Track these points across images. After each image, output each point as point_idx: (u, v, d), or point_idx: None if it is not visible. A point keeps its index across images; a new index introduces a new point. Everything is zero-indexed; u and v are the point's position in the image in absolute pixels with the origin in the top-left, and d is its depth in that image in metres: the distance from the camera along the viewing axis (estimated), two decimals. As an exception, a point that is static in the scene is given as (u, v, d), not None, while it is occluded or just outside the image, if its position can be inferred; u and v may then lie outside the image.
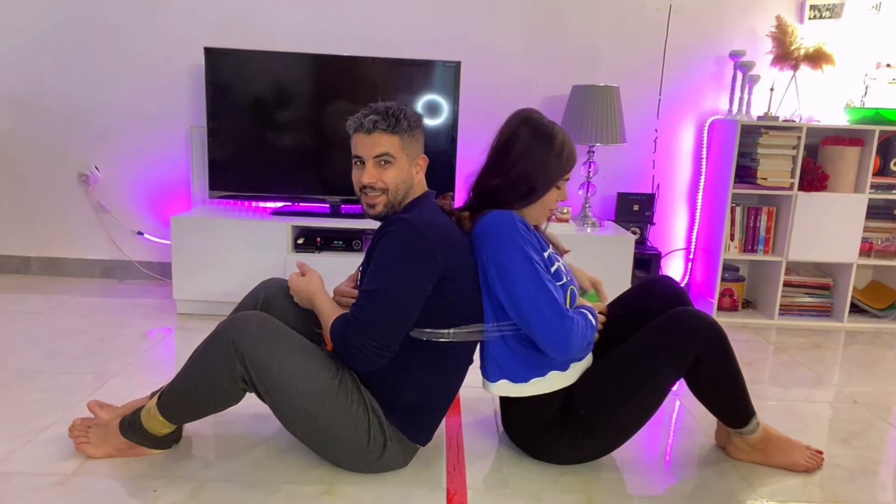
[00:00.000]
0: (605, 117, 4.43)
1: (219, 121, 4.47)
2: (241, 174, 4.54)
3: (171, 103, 4.85)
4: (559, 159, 2.53)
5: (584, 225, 4.61)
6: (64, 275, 5.09)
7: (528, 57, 4.84)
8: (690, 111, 4.94)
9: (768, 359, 4.10)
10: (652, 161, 4.99)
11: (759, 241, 4.71)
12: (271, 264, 4.26)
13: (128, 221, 5.02)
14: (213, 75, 4.42)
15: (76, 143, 4.91)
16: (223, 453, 2.67)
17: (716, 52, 4.85)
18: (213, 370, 2.36)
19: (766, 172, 4.53)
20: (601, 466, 2.69)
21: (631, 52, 4.85)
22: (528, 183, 2.52)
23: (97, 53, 4.79)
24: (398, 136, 2.45)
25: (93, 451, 2.58)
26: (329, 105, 4.50)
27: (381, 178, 2.46)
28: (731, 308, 4.85)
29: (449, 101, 4.50)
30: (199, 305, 4.37)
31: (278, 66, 4.46)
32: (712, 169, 4.84)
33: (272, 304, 2.70)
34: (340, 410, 2.37)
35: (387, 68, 4.50)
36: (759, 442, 2.72)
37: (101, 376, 3.34)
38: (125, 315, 4.31)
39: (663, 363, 2.49)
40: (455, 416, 3.09)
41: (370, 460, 2.48)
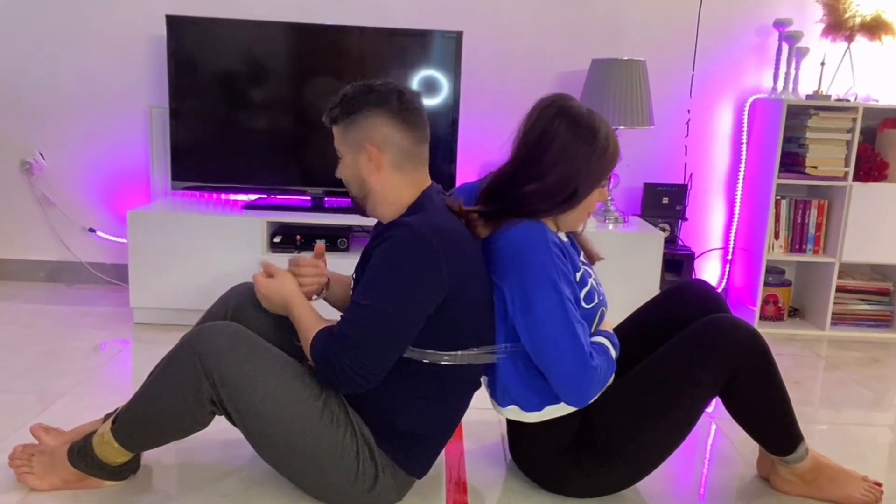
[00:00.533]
0: (630, 96, 4.37)
1: (183, 100, 4.43)
2: (208, 162, 4.51)
3: (127, 80, 4.80)
4: (604, 158, 2.44)
5: (605, 221, 4.53)
6: (3, 278, 5.06)
7: (540, 26, 4.77)
8: (728, 89, 4.88)
9: (818, 376, 4.04)
10: (684, 147, 4.92)
11: (808, 240, 4.65)
12: (244, 266, 4.20)
13: (77, 216, 4.95)
14: (177, 48, 4.37)
15: (17, 126, 4.86)
16: (187, 486, 2.60)
17: (758, 21, 4.78)
18: (176, 390, 2.30)
19: (815, 160, 4.46)
20: (625, 501, 2.62)
21: (660, 21, 4.79)
22: (568, 188, 2.43)
23: (42, 23, 4.71)
24: (337, 125, 2.41)
25: (37, 483, 2.51)
26: (310, 82, 4.47)
27: (339, 173, 2.50)
28: (776, 317, 4.77)
29: (449, 77, 4.44)
30: (160, 314, 4.33)
31: (252, 36, 4.42)
32: (753, 156, 4.77)
33: (244, 313, 2.65)
34: (325, 436, 2.30)
35: (377, 40, 4.44)
36: (808, 472, 2.65)
37: (46, 396, 3.29)
38: (74, 325, 4.26)
39: (695, 378, 2.44)
40: (456, 443, 3.03)
41: (359, 494, 2.40)
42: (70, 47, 4.74)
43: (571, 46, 4.77)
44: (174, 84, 4.38)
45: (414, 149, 2.42)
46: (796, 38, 4.59)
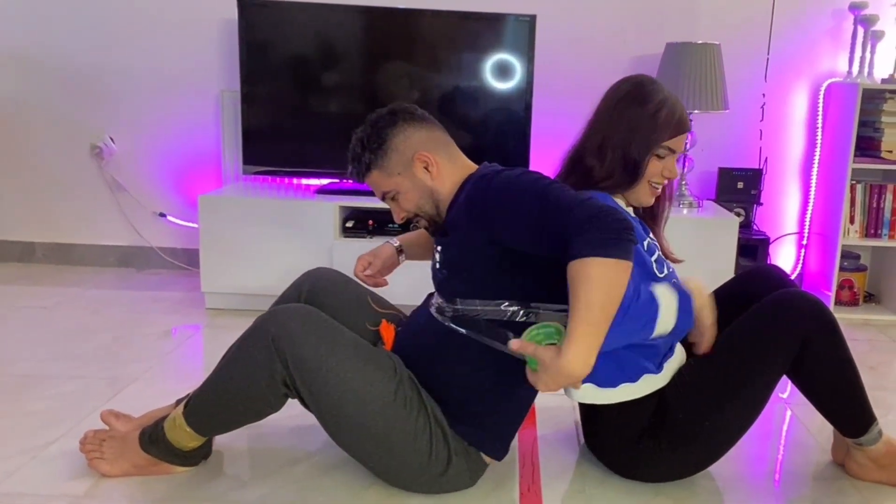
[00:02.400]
0: (705, 80, 4.33)
1: (254, 84, 4.44)
2: (280, 146, 4.52)
3: (198, 64, 4.81)
4: (654, 119, 2.41)
5: (679, 205, 4.48)
6: (74, 263, 5.08)
7: (614, 10, 4.73)
8: (803, 73, 4.81)
9: (894, 361, 3.97)
10: (759, 131, 4.85)
11: (884, 225, 4.57)
12: (316, 251, 4.20)
13: (148, 201, 4.97)
14: (248, 32, 4.37)
15: (88, 110, 4.88)
16: (260, 471, 2.61)
17: (833, 5, 4.69)
18: (249, 373, 2.29)
19: (891, 144, 4.39)
20: (699, 487, 2.60)
21: (734, 4, 4.72)
22: (628, 158, 2.42)
23: (112, 5, 4.72)
24: (373, 170, 2.44)
25: (108, 469, 2.51)
26: (382, 66, 4.46)
27: (404, 210, 2.50)
28: (851, 302, 4.71)
29: (522, 61, 4.41)
30: (232, 299, 4.32)
31: (324, 20, 4.41)
32: (829, 140, 4.71)
33: (319, 296, 2.67)
34: (398, 419, 2.29)
35: (450, 23, 4.42)
36: (883, 456, 2.60)
37: (117, 382, 3.29)
38: (145, 310, 4.26)
39: (767, 350, 2.41)
40: (529, 429, 3.02)
41: (432, 478, 2.40)
42: (141, 31, 4.73)
43: (646, 30, 4.71)
44: (245, 68, 4.38)
45: (444, 137, 2.50)
46: (872, 21, 4.50)
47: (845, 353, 2.44)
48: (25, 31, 4.75)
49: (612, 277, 1.98)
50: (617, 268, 1.97)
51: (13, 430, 2.79)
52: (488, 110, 4.49)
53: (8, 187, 4.98)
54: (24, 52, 4.77)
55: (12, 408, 2.97)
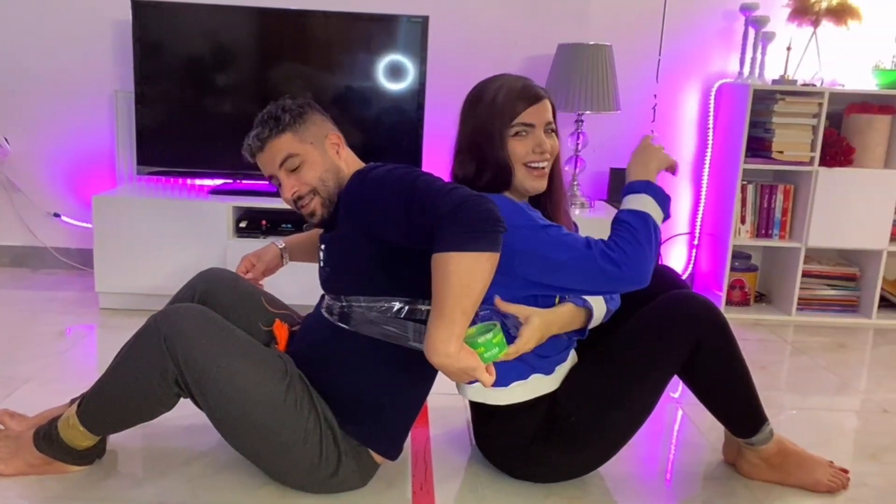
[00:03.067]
0: (596, 81, 4.39)
1: (148, 85, 4.42)
2: (174, 146, 4.52)
3: (92, 65, 4.77)
4: (493, 105, 2.40)
5: (571, 205, 4.50)
6: None
7: (506, 11, 4.76)
8: (695, 74, 4.90)
9: (785, 361, 4.05)
10: (651, 131, 4.86)
11: (775, 225, 4.66)
12: (210, 251, 4.21)
13: (42, 201, 4.93)
14: (142, 32, 4.36)
15: None
16: (154, 470, 2.60)
17: (724, 6, 4.79)
18: (142, 371, 2.28)
19: (782, 145, 4.47)
20: (591, 486, 2.62)
21: (626, 5, 4.80)
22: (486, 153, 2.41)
23: (5, 7, 4.67)
24: (287, 132, 2.45)
25: (2, 468, 2.50)
26: (276, 67, 4.48)
27: (301, 183, 2.46)
28: (742, 302, 4.78)
29: (415, 61, 4.45)
30: (126, 299, 4.30)
31: (217, 21, 4.41)
32: (720, 141, 4.79)
33: (212, 297, 2.68)
34: (288, 420, 2.30)
35: (342, 24, 4.43)
36: (774, 456, 2.65)
37: (12, 381, 3.27)
38: (39, 310, 4.24)
39: (657, 353, 2.44)
40: (422, 428, 3.03)
41: (322, 478, 2.41)
42: (35, 31, 4.69)
43: (537, 31, 4.76)
44: (139, 68, 4.37)
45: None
46: (762, 22, 4.59)
47: (736, 355, 2.47)
48: None
49: (469, 272, 1.99)
50: (475, 261, 1.99)
51: None
52: (381, 110, 4.51)
53: None
54: None
55: None
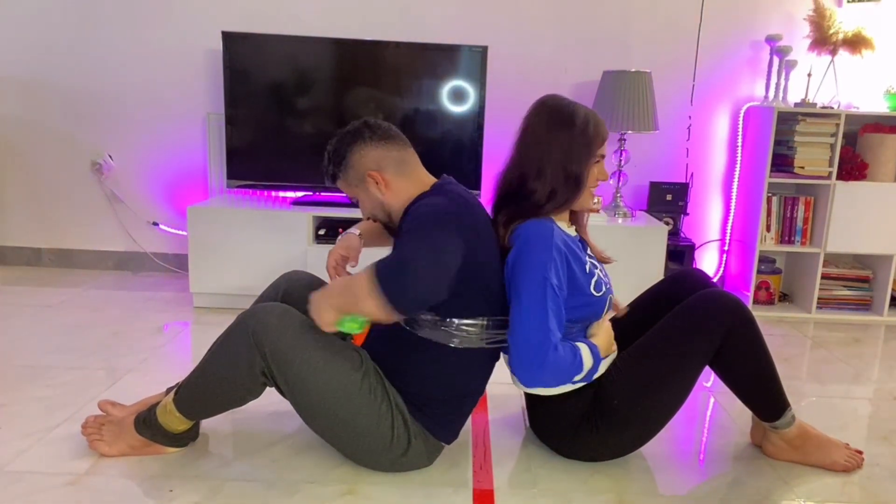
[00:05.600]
0: (637, 104, 4.47)
1: (237, 107, 4.50)
2: (260, 163, 4.57)
3: (187, 89, 4.89)
4: (585, 136, 2.48)
5: (615, 215, 4.65)
6: (76, 267, 5.15)
7: (557, 42, 4.87)
8: (725, 98, 4.97)
9: (805, 354, 4.11)
10: (685, 149, 5.03)
11: (797, 232, 4.74)
12: (292, 256, 4.29)
13: (143, 211, 5.07)
14: (232, 60, 4.44)
15: (89, 130, 4.96)
16: (242, 451, 2.67)
17: (751, 37, 4.88)
18: (232, 363, 2.36)
19: (803, 161, 4.55)
20: (632, 465, 2.70)
21: (664, 36, 4.88)
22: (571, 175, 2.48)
23: (111, 36, 4.83)
24: (339, 180, 2.60)
25: (106, 449, 2.58)
26: (351, 91, 4.53)
27: (364, 213, 2.67)
28: (768, 301, 4.88)
29: (475, 87, 4.53)
30: (217, 299, 4.40)
31: (298, 50, 4.48)
32: (748, 157, 4.87)
33: (294, 296, 2.71)
34: (364, 406, 2.37)
35: (411, 53, 4.51)
36: (795, 438, 2.72)
37: (115, 372, 3.35)
38: (140, 309, 4.33)
39: (691, 344, 2.51)
40: (481, 414, 3.10)
41: (393, 459, 2.49)
42: (137, 60, 4.85)
43: (585, 59, 4.88)
44: (229, 93, 4.47)
45: (402, 154, 2.56)
46: (786, 51, 4.71)
47: (762, 346, 2.56)
48: (32, 59, 4.84)
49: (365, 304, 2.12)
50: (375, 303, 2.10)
51: (22, 414, 2.87)
52: (445, 130, 4.56)
53: (17, 199, 5.05)
54: (31, 77, 4.87)
55: (21, 395, 3.04)
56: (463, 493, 2.48)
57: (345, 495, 2.41)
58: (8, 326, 3.92)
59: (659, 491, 2.55)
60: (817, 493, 2.57)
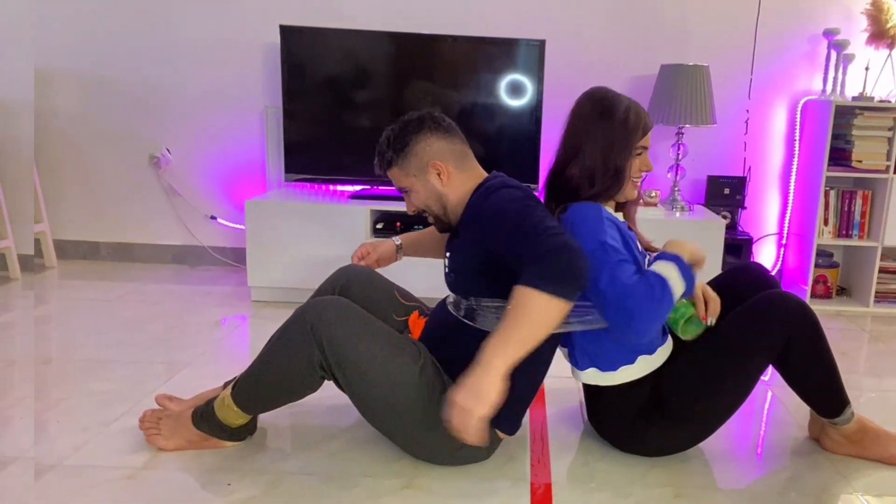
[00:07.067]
0: (695, 97, 4.45)
1: (295, 101, 4.49)
2: (317, 156, 4.57)
3: (245, 83, 4.90)
4: (625, 127, 2.47)
5: (672, 209, 4.64)
6: (134, 260, 5.17)
7: (614, 35, 4.85)
8: (783, 92, 4.93)
9: (863, 348, 4.07)
10: (743, 143, 4.99)
11: (854, 226, 4.69)
12: (350, 250, 4.13)
13: (200, 205, 5.08)
14: (289, 54, 4.44)
15: (147, 123, 4.97)
16: (300, 445, 2.67)
17: (809, 31, 4.84)
18: (290, 357, 2.36)
19: (861, 155, 4.52)
20: (690, 460, 2.68)
21: (721, 30, 4.85)
22: (610, 164, 2.47)
23: (168, 31, 4.84)
24: (393, 167, 2.53)
25: (164, 443, 2.58)
26: (408, 85, 4.52)
27: (413, 205, 2.58)
28: (825, 295, 4.84)
29: (533, 81, 4.51)
30: (275, 293, 4.39)
31: (355, 44, 4.47)
32: (805, 151, 4.84)
33: (352, 290, 2.72)
34: (422, 399, 2.35)
35: (468, 47, 4.49)
36: (854, 433, 2.69)
37: (173, 366, 3.36)
38: (197, 302, 4.34)
39: (754, 347, 2.47)
40: (540, 408, 3.09)
41: (451, 452, 2.47)
42: (195, 54, 4.86)
43: (642, 53, 4.85)
44: (287, 87, 4.46)
45: (463, 149, 2.55)
46: (843, 45, 4.67)
47: (825, 350, 2.51)
48: (92, 54, 4.85)
49: (546, 314, 2.07)
50: (549, 303, 2.05)
51: (80, 408, 2.87)
52: (503, 124, 4.54)
53: (76, 193, 5.07)
54: (90, 72, 4.88)
55: (79, 388, 3.05)
56: (521, 486, 2.46)
57: (403, 489, 2.41)
58: (67, 320, 3.94)
59: (717, 485, 2.53)
60: (875, 486, 2.56)
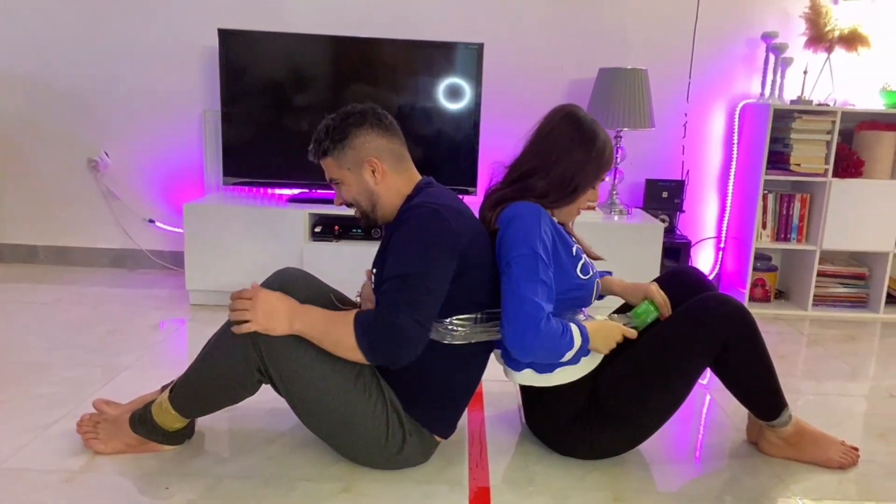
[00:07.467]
0: (633, 101, 4.44)
1: (233, 105, 4.47)
2: (256, 160, 4.54)
3: (183, 87, 4.87)
4: (600, 161, 2.54)
5: (611, 213, 4.62)
6: (72, 264, 5.13)
7: (553, 39, 4.84)
8: (721, 95, 4.95)
9: (801, 351, 4.09)
10: (681, 146, 5.00)
11: (792, 230, 4.71)
12: (287, 253, 4.27)
13: (139, 209, 5.04)
14: (228, 58, 4.41)
15: (85, 127, 4.94)
16: (238, 449, 2.66)
17: (747, 34, 4.85)
18: (228, 359, 2.34)
19: (799, 158, 4.53)
20: (629, 463, 2.68)
21: (660, 33, 4.85)
22: (569, 184, 2.52)
23: (107, 34, 4.80)
24: (328, 157, 2.47)
25: (102, 447, 2.56)
26: (347, 88, 4.50)
27: (342, 198, 2.55)
28: (764, 298, 4.85)
29: (471, 84, 4.49)
30: (213, 296, 4.37)
31: (295, 48, 4.45)
32: (744, 155, 4.85)
33: (288, 292, 2.59)
34: (359, 403, 2.35)
35: (407, 50, 4.48)
36: (792, 436, 2.71)
37: (112, 370, 3.33)
38: (136, 306, 4.30)
39: (692, 350, 2.48)
40: (477, 411, 3.09)
41: (389, 455, 2.47)
42: (132, 58, 4.82)
43: (581, 57, 4.84)
44: (225, 90, 4.43)
45: (401, 150, 2.52)
46: (782, 49, 4.68)
47: (763, 353, 2.53)
48: (31, 57, 4.82)
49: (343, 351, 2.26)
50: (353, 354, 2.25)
51: (19, 411, 2.86)
52: (441, 128, 4.52)
53: (14, 196, 5.03)
54: (29, 75, 4.85)
55: (18, 392, 3.03)
56: (459, 490, 2.46)
57: (341, 493, 2.40)
58: (4, 324, 3.91)
59: (655, 488, 2.53)
60: (813, 490, 2.56)
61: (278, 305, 2.31)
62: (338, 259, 4.22)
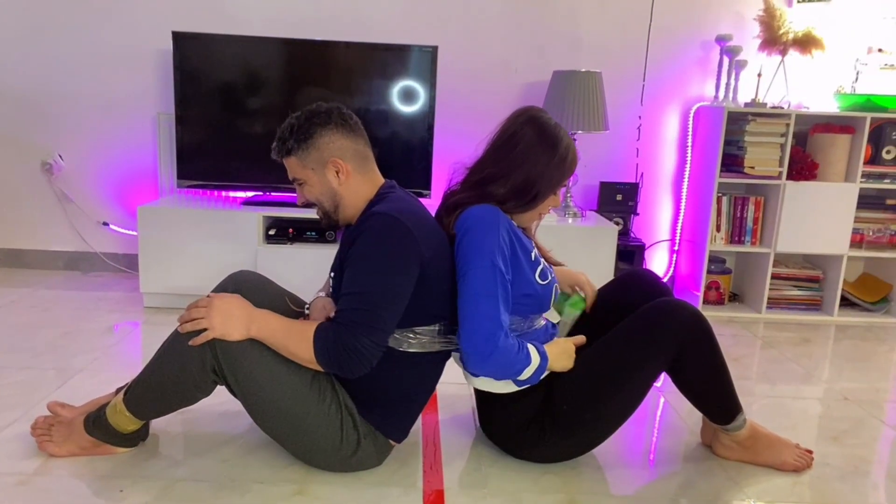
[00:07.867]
0: (587, 104, 4.43)
1: (187, 107, 4.46)
2: (210, 163, 4.53)
3: (137, 89, 4.84)
4: (562, 166, 2.51)
5: (565, 215, 4.61)
6: (26, 267, 5.10)
7: (507, 42, 4.84)
8: (675, 98, 4.96)
9: (756, 354, 4.10)
10: (636, 149, 5.00)
11: (747, 232, 4.72)
12: (242, 256, 4.26)
13: (93, 211, 5.02)
14: (182, 60, 4.40)
15: (39, 129, 4.91)
16: (192, 451, 2.65)
17: (701, 37, 4.86)
18: (182, 361, 2.33)
19: (753, 161, 4.54)
20: (583, 465, 2.68)
21: (614, 36, 4.85)
22: (530, 189, 2.50)
23: (61, 36, 4.77)
24: (292, 156, 2.46)
25: (56, 450, 2.55)
26: (301, 91, 4.50)
27: (304, 198, 2.53)
28: (718, 301, 4.85)
29: (425, 87, 4.49)
30: (167, 298, 4.36)
31: (249, 50, 4.44)
32: (698, 157, 4.85)
33: (243, 296, 2.57)
34: (313, 406, 2.36)
35: (361, 53, 4.47)
36: (746, 439, 2.71)
37: (65, 372, 3.32)
38: (90, 309, 4.29)
39: (646, 355, 2.47)
40: (432, 414, 3.09)
41: (343, 458, 2.47)
42: (86, 60, 4.79)
43: (535, 60, 4.85)
44: (179, 93, 4.42)
45: (365, 151, 2.51)
46: (736, 51, 4.69)
47: (718, 358, 2.53)
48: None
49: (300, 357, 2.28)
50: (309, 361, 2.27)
51: None
52: (395, 131, 4.52)
53: None
54: None
55: None
56: (412, 493, 2.47)
57: (295, 495, 2.41)
58: None
59: (610, 491, 2.54)
60: (767, 493, 2.57)
61: (234, 310, 2.31)
62: (292, 262, 4.22)
